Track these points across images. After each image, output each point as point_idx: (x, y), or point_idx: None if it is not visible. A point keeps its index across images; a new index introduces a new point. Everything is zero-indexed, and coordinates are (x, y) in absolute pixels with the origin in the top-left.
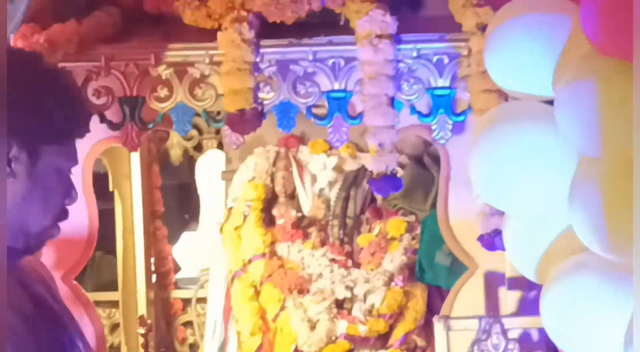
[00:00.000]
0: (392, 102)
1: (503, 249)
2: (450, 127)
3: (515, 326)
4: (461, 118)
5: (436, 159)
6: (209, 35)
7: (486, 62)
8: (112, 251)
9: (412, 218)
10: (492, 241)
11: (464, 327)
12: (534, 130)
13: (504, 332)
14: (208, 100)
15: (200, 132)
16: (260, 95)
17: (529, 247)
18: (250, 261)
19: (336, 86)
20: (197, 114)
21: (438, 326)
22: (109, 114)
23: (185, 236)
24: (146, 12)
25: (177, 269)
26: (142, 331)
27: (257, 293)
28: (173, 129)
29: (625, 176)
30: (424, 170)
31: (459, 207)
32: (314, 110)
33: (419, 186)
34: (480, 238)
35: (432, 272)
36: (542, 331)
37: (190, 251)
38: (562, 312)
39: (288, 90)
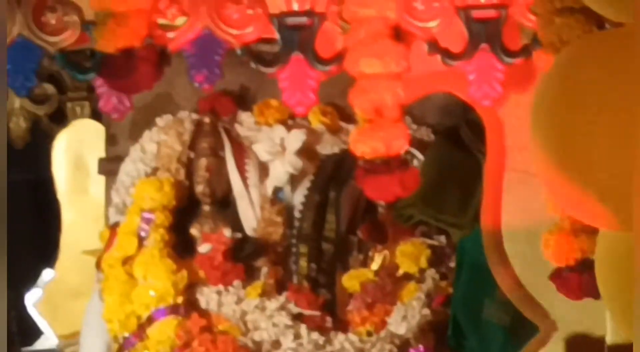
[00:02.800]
0: (395, 31)
1: (597, 295)
2: (500, 76)
3: None
4: (519, 58)
5: (482, 135)
6: None
7: None
8: None
9: (440, 240)
10: (577, 280)
11: None
12: None
13: None
14: (68, 33)
15: (60, 89)
16: (160, 21)
17: None
18: (151, 320)
19: (295, 6)
20: (50, 57)
21: None
22: None
23: (46, 276)
24: None
25: (27, 334)
26: None
27: None
28: (7, 84)
29: None
30: (461, 153)
31: (519, 219)
32: (257, 47)
33: (453, 181)
34: (556, 275)
35: (477, 339)
36: None
37: (50, 304)
38: None
39: (209, 12)
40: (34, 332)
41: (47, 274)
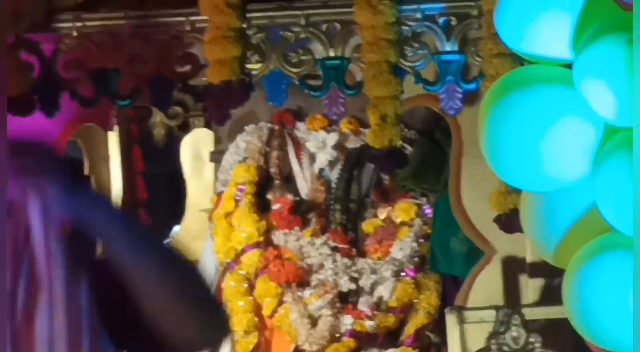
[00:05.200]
0: (394, 69)
1: (521, 230)
2: (460, 96)
3: (538, 316)
4: (472, 86)
5: (449, 134)
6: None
7: (496, 22)
8: None
9: (423, 200)
10: (510, 221)
11: (480, 319)
12: (552, 97)
13: (525, 324)
14: (190, 72)
15: (185, 109)
16: (248, 65)
17: (548, 228)
18: (243, 251)
19: (331, 53)
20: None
21: (451, 317)
22: (81, 90)
23: (175, 229)
24: None
25: None
26: None
27: (252, 287)
28: (152, 103)
29: None
30: (436, 146)
31: (472, 186)
32: (308, 81)
33: (431, 164)
34: (497, 219)
35: (446, 261)
36: (567, 322)
37: (180, 244)
38: (587, 300)
39: (278, 59)
40: None
41: (176, 228)
